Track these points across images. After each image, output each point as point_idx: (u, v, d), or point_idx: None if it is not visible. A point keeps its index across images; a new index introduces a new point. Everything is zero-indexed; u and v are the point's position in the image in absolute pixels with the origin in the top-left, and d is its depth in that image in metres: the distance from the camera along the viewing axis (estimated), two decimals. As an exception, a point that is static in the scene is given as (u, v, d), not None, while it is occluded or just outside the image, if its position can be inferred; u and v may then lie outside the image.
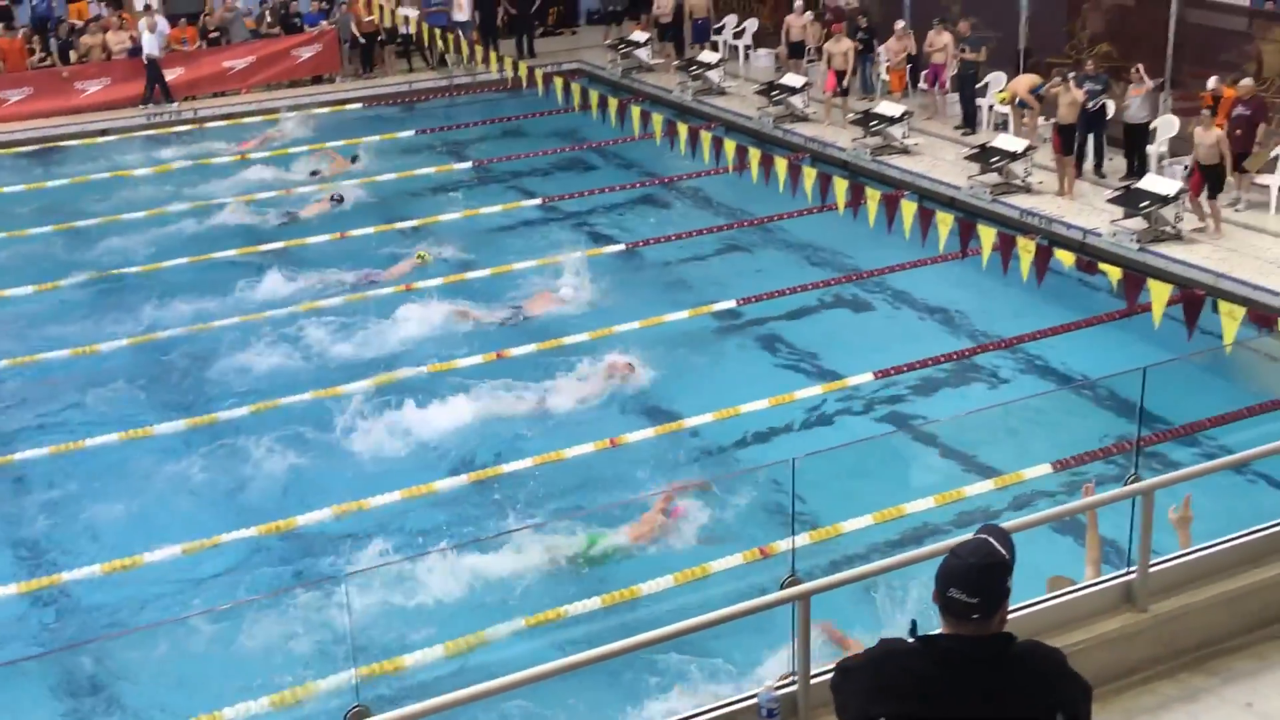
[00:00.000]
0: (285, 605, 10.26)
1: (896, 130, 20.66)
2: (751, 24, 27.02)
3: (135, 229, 19.24)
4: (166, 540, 11.44)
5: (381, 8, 26.28)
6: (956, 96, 22.13)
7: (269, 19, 26.58)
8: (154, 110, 24.68)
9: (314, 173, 21.81)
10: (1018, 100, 20.19)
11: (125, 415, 13.87)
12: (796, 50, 24.61)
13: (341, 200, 20.02)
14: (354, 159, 22.22)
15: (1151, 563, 6.31)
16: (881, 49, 23.28)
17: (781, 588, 5.98)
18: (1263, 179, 17.57)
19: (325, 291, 16.74)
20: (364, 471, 12.56)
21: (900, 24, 21.87)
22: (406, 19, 26.28)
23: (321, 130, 23.73)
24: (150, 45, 24.41)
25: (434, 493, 12.19)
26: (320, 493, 12.16)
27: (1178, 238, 16.50)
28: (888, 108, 21.10)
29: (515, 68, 23.02)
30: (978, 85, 21.54)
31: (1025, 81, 20.21)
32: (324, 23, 26.60)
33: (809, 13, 24.56)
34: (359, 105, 25.57)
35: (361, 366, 14.69)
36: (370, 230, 18.98)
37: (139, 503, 12.28)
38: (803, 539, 10.73)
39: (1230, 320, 12.44)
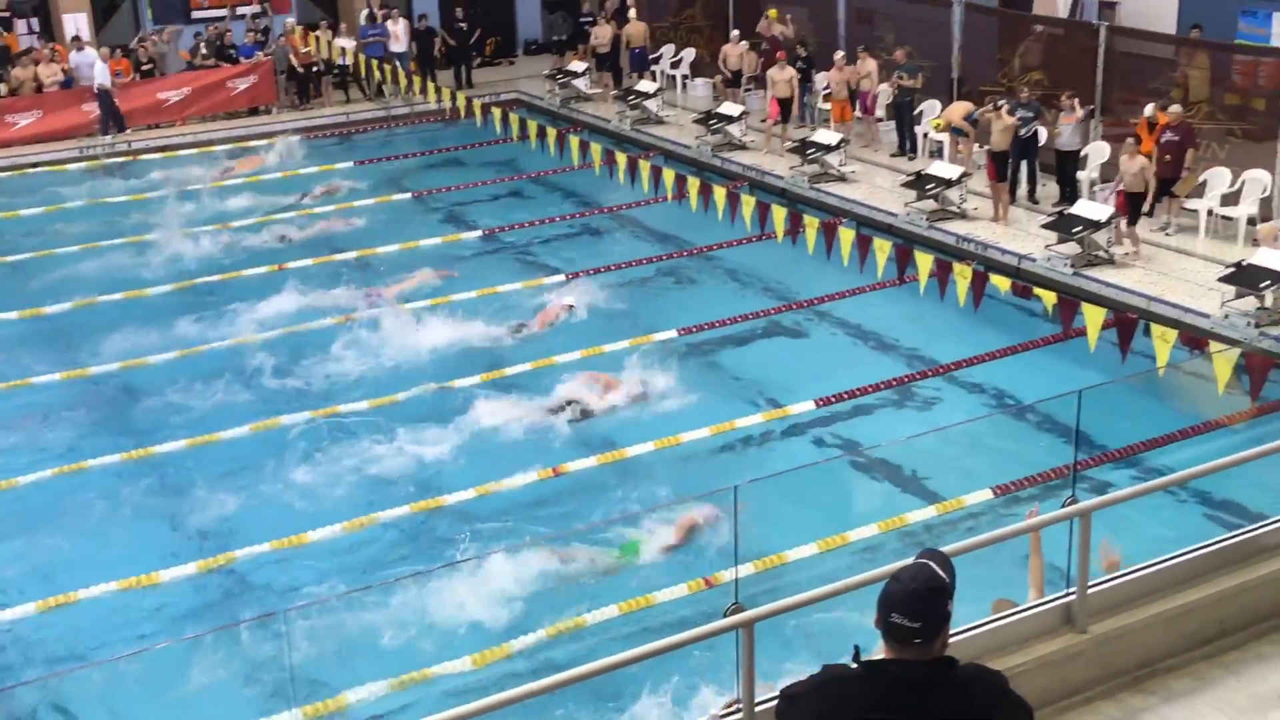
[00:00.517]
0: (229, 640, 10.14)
1: (833, 158, 20.85)
2: (689, 54, 27.21)
3: (67, 262, 19.04)
4: (103, 577, 11.27)
5: (318, 39, 26.21)
6: (892, 124, 22.40)
7: (204, 50, 26.41)
8: (88, 144, 24.44)
9: (303, 196, 22.13)
10: (952, 127, 20.45)
11: (60, 450, 13.68)
12: (734, 79, 24.80)
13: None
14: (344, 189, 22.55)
15: (1090, 584, 6.37)
16: (823, 78, 23.48)
17: (725, 615, 5.98)
18: (1192, 204, 17.88)
19: (267, 325, 16.62)
20: (295, 509, 12.46)
21: (840, 54, 22.10)
22: (343, 50, 26.22)
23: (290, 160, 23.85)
24: (102, 76, 24.29)
25: (372, 524, 12.10)
26: (254, 527, 12.04)
27: (1111, 262, 16.76)
28: (824, 136, 21.30)
29: (453, 98, 23.01)
30: (915, 112, 21.81)
31: (959, 109, 20.49)
32: (259, 54, 26.47)
33: (744, 42, 24.76)
34: (296, 137, 25.43)
35: (301, 398, 14.58)
36: (309, 262, 18.87)
37: (74, 539, 12.09)
38: (748, 568, 10.76)
39: (1163, 343, 12.64)
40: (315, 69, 26.76)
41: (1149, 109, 18.17)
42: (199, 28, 27.08)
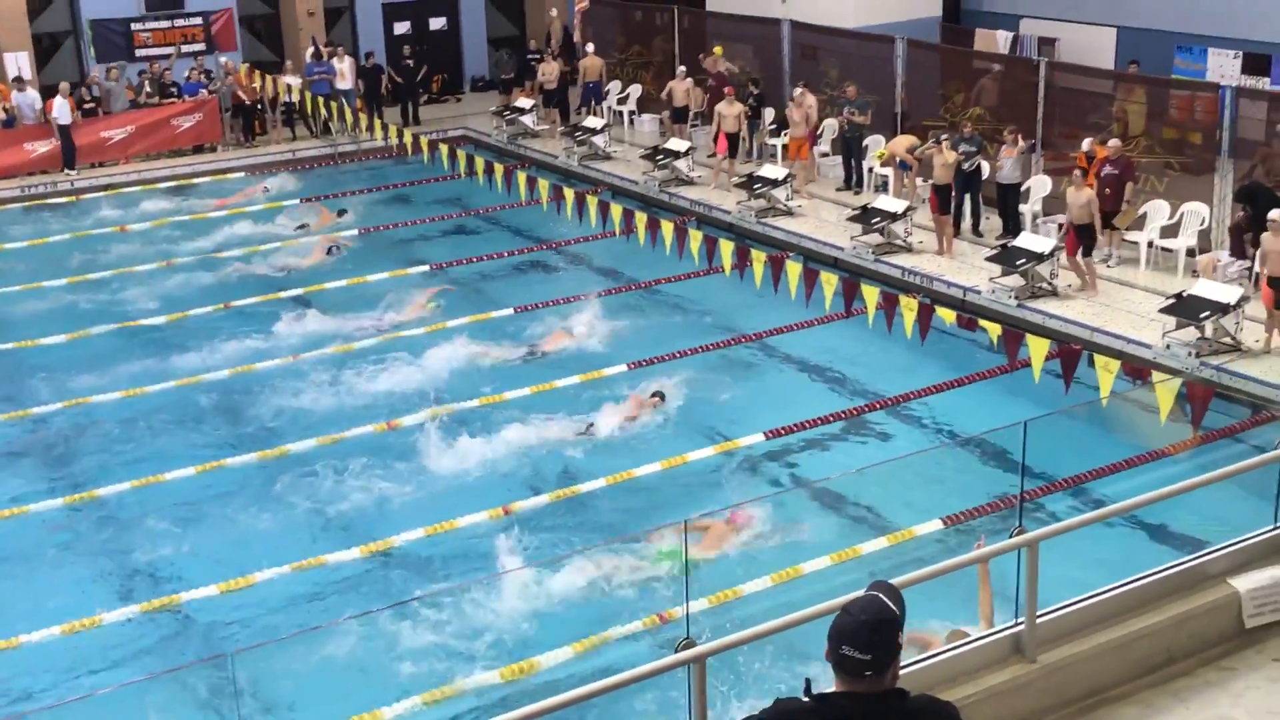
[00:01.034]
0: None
1: (780, 192, 21.00)
2: (635, 90, 27.36)
3: (8, 302, 18.87)
4: (48, 621, 11.12)
5: (264, 76, 26.13)
6: (836, 158, 22.60)
7: (148, 88, 26.25)
8: (28, 183, 24.23)
9: (301, 226, 22.26)
10: (898, 161, 20.66)
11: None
12: (680, 115, 24.96)
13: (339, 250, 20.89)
14: (341, 212, 22.61)
15: (1039, 613, 6.41)
16: (771, 113, 23.65)
17: (676, 650, 5.97)
18: (1132, 235, 18.14)
19: (209, 364, 16.51)
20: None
21: (799, 91, 22.10)
22: (289, 87, 26.16)
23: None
24: (61, 114, 24.26)
25: (322, 564, 12.00)
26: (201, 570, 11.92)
27: (1054, 294, 16.96)
28: (771, 170, 21.45)
29: (400, 135, 23.00)
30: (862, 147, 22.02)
31: (903, 143, 20.71)
32: (204, 91, 26.34)
33: (689, 79, 24.93)
34: (242, 174, 25.32)
35: (246, 438, 14.48)
36: (254, 299, 18.77)
37: (18, 582, 11.93)
38: (701, 603, 10.74)
39: (1106, 373, 12.77)
40: (261, 106, 26.68)
41: (1086, 143, 18.45)
42: (142, 65, 26.90)
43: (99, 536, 12.72)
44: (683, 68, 25.12)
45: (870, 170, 21.95)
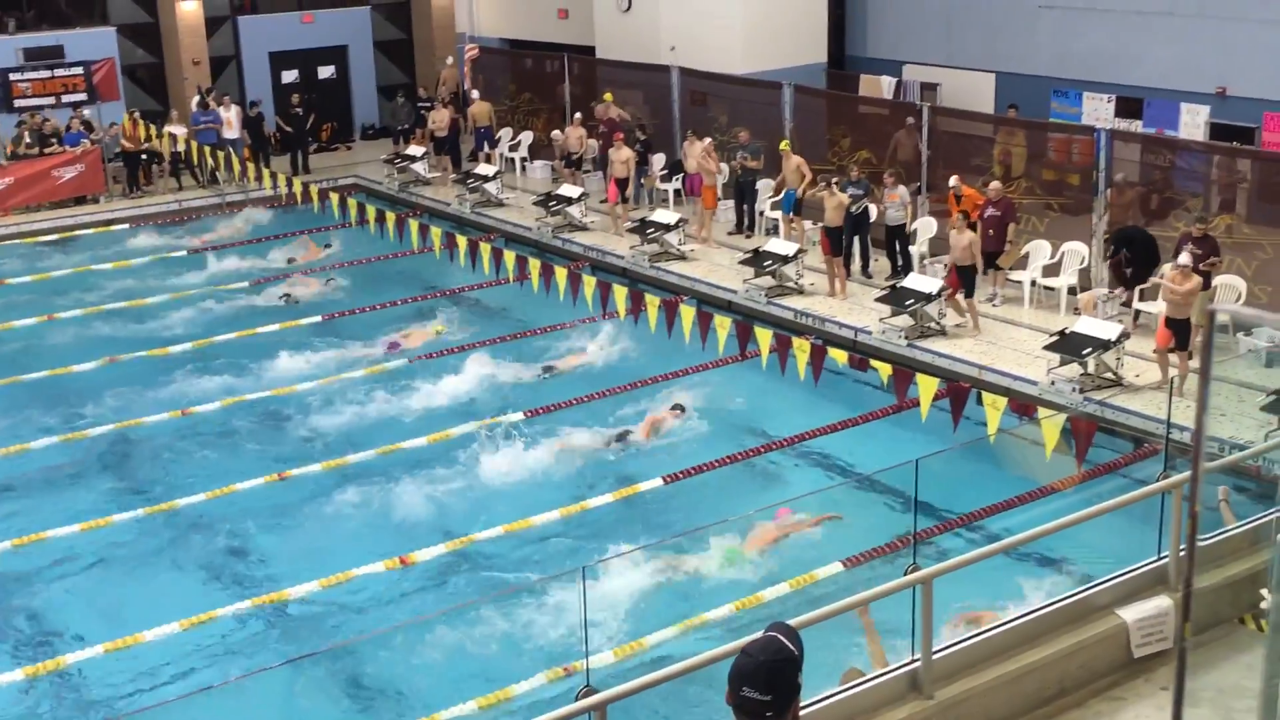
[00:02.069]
0: None
1: (673, 237, 21.15)
2: (526, 137, 27.43)
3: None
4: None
5: (148, 126, 25.74)
6: (729, 203, 22.84)
7: (27, 139, 25.71)
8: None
9: (290, 260, 22.35)
10: (787, 192, 20.90)
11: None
12: (572, 161, 25.06)
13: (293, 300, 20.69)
14: (327, 246, 22.56)
15: (934, 649, 6.49)
16: (660, 159, 23.84)
17: (577, 699, 5.94)
18: (1016, 275, 18.56)
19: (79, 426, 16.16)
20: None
21: (709, 140, 22.28)
22: (174, 137, 25.80)
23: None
24: None
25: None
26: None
27: (942, 333, 17.27)
28: (663, 215, 21.61)
29: (289, 183, 22.79)
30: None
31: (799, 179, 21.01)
32: (85, 141, 25.86)
33: (582, 129, 25.07)
34: (126, 225, 24.88)
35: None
36: (143, 353, 18.42)
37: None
38: (608, 656, 10.70)
39: (993, 410, 13.02)
40: (145, 156, 26.27)
41: (953, 180, 18.79)
42: (20, 116, 26.34)
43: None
44: (579, 114, 25.26)
45: (762, 214, 22.21)
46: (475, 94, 27.30)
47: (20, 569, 12.90)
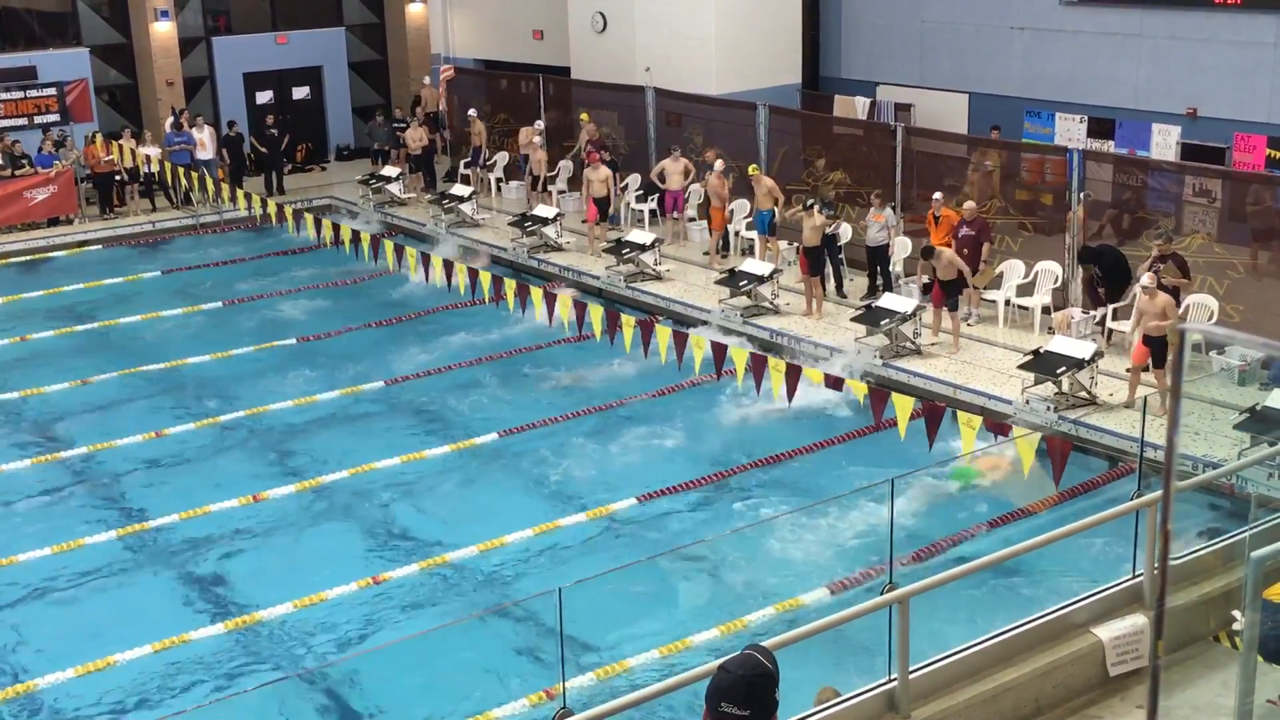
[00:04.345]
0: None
1: (649, 257, 21.17)
2: (502, 157, 27.44)
3: None
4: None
5: (121, 147, 25.65)
6: (703, 223, 22.87)
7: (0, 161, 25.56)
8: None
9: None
10: (759, 213, 20.95)
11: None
12: (540, 182, 25.07)
13: None
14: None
15: (911, 669, 6.49)
16: (636, 178, 23.84)
17: (554, 721, 5.92)
18: (990, 294, 18.65)
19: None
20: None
21: (720, 164, 21.85)
22: (148, 158, 25.72)
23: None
24: None
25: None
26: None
27: (917, 352, 17.32)
28: (639, 235, 21.63)
29: (264, 204, 22.72)
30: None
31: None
32: (58, 163, 25.73)
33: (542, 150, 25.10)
34: (99, 247, 24.77)
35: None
36: (113, 375, 18.33)
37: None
38: (589, 678, 10.66)
39: (968, 429, 13.06)
40: (119, 177, 26.16)
41: (937, 195, 18.85)
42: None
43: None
44: (536, 133, 25.29)
45: (737, 234, 22.26)
46: (472, 112, 27.22)
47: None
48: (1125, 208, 18.53)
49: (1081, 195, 18.07)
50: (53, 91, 26.97)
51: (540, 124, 25.94)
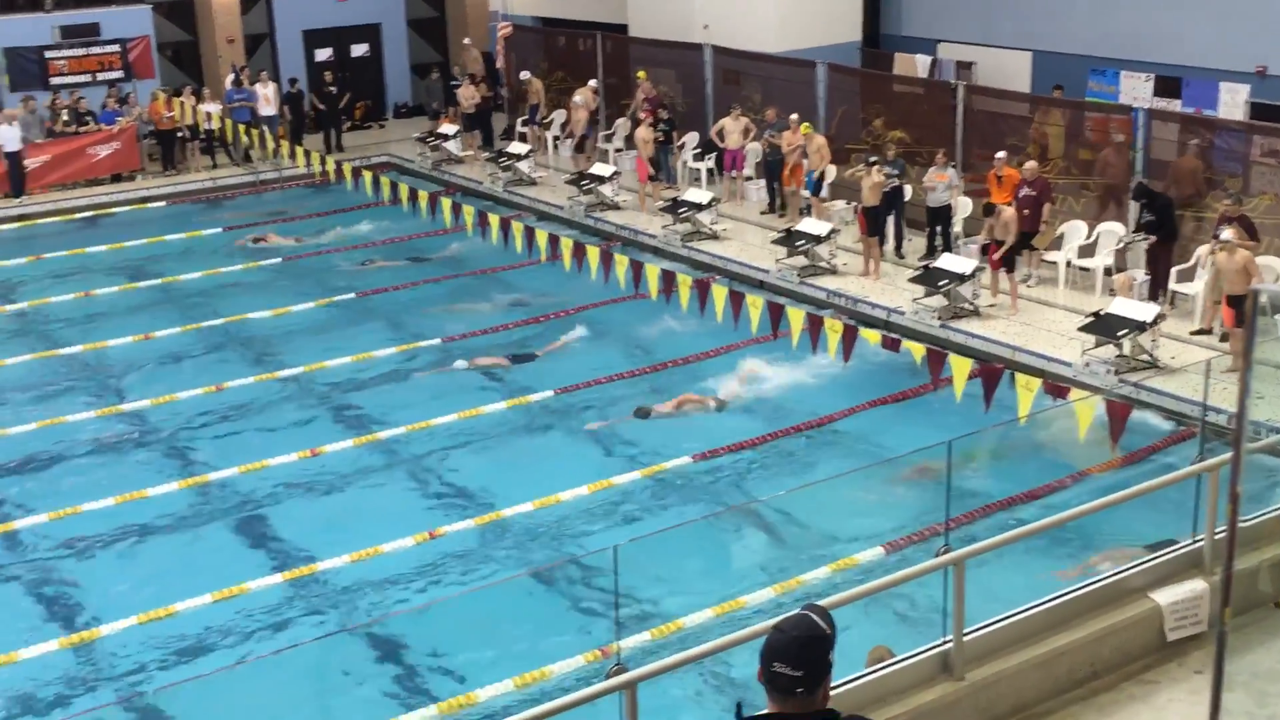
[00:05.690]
0: None
1: (705, 216, 21.09)
2: (559, 115, 27.38)
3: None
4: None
5: (183, 104, 25.85)
6: (760, 182, 22.75)
7: (65, 117, 25.84)
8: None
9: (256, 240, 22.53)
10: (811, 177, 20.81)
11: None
12: (580, 144, 25.10)
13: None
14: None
15: (965, 631, 6.46)
16: (693, 137, 23.72)
17: (607, 677, 5.95)
18: (1051, 256, 18.43)
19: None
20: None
21: (794, 117, 21.40)
22: (209, 115, 25.89)
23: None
24: (9, 141, 24.20)
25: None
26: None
27: (976, 314, 17.16)
28: (695, 194, 21.54)
29: (322, 162, 22.84)
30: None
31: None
32: (121, 120, 25.96)
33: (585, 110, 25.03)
34: (162, 203, 25.02)
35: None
36: (174, 330, 18.56)
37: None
38: (644, 637, 10.70)
39: (1026, 392, 12.93)
40: (180, 134, 26.36)
41: (1000, 154, 18.61)
42: (55, 95, 26.46)
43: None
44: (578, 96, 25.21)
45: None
46: (525, 74, 27.19)
47: (58, 541, 13.01)
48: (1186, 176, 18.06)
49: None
50: (115, 48, 27.19)
51: (594, 83, 25.86)
